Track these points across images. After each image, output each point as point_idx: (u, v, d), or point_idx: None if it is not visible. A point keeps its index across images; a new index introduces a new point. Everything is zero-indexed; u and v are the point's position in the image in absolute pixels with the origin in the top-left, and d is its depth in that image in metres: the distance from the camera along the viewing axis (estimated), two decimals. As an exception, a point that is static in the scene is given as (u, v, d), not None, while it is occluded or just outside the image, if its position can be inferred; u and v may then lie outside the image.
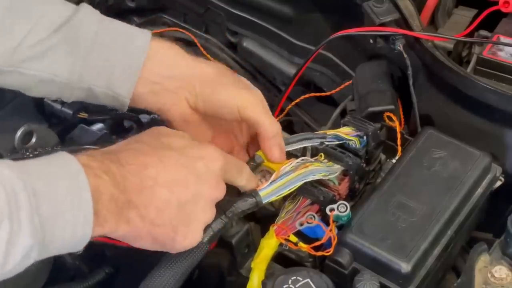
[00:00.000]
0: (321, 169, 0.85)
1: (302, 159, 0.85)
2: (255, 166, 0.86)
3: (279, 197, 0.82)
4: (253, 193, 0.81)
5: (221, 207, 0.78)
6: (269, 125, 0.85)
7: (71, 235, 0.66)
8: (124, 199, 0.70)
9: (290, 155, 0.88)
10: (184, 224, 0.73)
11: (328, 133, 0.89)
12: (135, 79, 0.85)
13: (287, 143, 0.87)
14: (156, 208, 0.71)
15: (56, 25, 0.82)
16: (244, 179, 0.81)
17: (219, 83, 0.86)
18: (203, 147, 0.77)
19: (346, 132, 0.89)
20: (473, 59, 1.01)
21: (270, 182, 0.81)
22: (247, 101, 0.85)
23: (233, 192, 0.82)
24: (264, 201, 0.81)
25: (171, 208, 0.72)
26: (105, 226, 0.69)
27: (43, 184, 0.64)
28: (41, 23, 0.82)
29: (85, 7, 0.86)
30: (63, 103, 1.11)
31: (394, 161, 0.93)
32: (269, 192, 0.81)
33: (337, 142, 0.89)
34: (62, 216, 0.65)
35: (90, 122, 1.17)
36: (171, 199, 0.72)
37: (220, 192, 0.77)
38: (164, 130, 0.81)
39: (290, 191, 0.82)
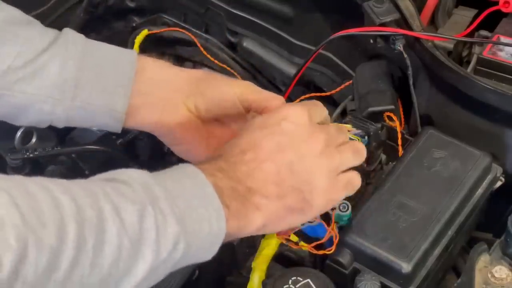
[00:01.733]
0: None
1: None
2: None
3: None
4: None
5: None
6: (274, 96, 0.85)
7: (208, 231, 0.67)
8: (243, 187, 0.71)
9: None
10: (308, 183, 0.74)
11: None
12: (129, 92, 0.85)
13: None
14: (272, 183, 0.73)
15: (43, 46, 0.82)
16: (325, 115, 0.82)
17: (212, 80, 0.87)
18: (281, 109, 0.78)
19: (348, 129, 0.89)
20: (473, 59, 1.01)
21: None
22: (243, 86, 0.86)
23: None
24: None
25: (284, 174, 0.73)
26: (240, 218, 0.70)
27: (171, 183, 0.66)
28: (27, 45, 0.82)
29: (69, 30, 0.86)
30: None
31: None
32: None
33: None
34: (196, 211, 0.66)
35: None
36: (279, 168, 0.73)
37: (321, 135, 0.76)
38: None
39: None
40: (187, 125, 0.87)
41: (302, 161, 0.74)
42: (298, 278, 0.79)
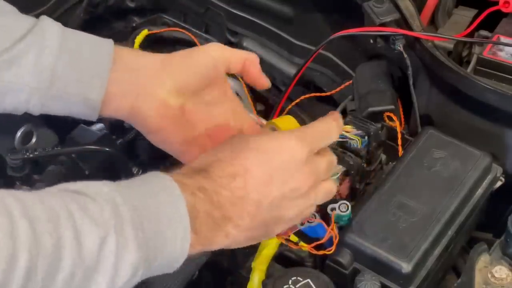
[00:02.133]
0: None
1: None
2: None
3: None
4: None
5: None
6: (249, 53, 0.87)
7: (171, 252, 0.66)
8: (220, 214, 0.70)
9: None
10: (276, 219, 0.75)
11: None
12: (105, 81, 0.84)
13: None
14: (249, 214, 0.72)
15: (20, 34, 0.82)
16: (335, 134, 0.81)
17: (185, 54, 0.87)
18: (284, 139, 0.76)
19: (349, 130, 0.89)
20: (473, 59, 1.01)
21: None
22: (214, 46, 0.86)
23: None
24: None
25: (263, 209, 0.73)
26: (204, 244, 0.69)
27: (141, 201, 0.65)
28: (3, 34, 0.81)
29: (46, 18, 0.85)
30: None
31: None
32: None
33: (340, 140, 0.89)
34: (162, 232, 0.65)
35: (90, 122, 1.17)
36: (261, 201, 0.73)
37: (310, 181, 0.76)
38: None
39: None
40: (162, 113, 0.85)
41: (283, 199, 0.74)
42: (298, 278, 0.79)
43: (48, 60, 0.82)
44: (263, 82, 0.87)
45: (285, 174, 0.74)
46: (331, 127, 0.80)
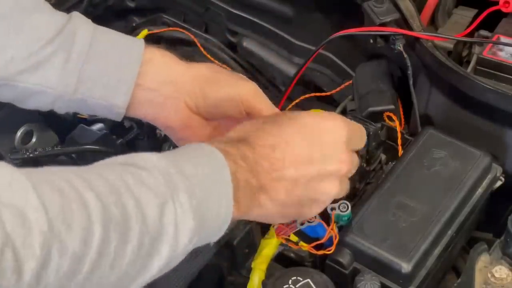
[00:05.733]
0: None
1: None
2: None
3: None
4: None
5: None
6: (274, 109, 0.85)
7: (216, 220, 0.66)
8: (257, 183, 0.70)
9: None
10: (311, 199, 0.74)
11: None
12: (131, 88, 0.84)
13: None
14: (285, 189, 0.72)
15: (49, 36, 0.81)
16: (363, 143, 0.82)
17: (217, 79, 0.86)
18: (327, 119, 0.77)
19: None
20: (473, 59, 1.01)
21: None
22: (248, 90, 0.85)
23: None
24: None
25: (299, 186, 0.73)
26: (244, 212, 0.70)
27: (190, 169, 0.65)
28: (33, 35, 0.81)
29: (78, 16, 0.85)
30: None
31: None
32: None
33: None
34: (210, 198, 0.65)
35: (90, 122, 1.17)
36: (298, 178, 0.72)
37: (347, 165, 0.76)
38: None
39: None
40: (188, 124, 0.86)
41: (321, 181, 0.74)
42: (298, 278, 0.79)
43: (75, 65, 0.82)
44: None
45: (326, 154, 0.74)
46: (364, 132, 0.81)
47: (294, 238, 0.83)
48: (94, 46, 0.83)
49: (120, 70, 0.84)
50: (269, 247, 0.85)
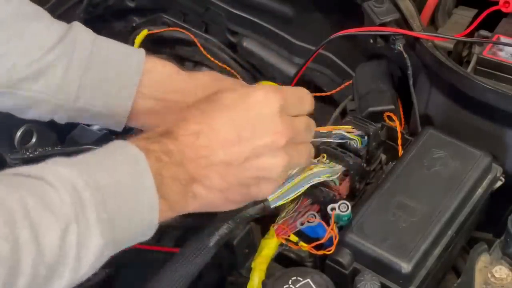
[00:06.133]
0: (325, 171, 0.85)
1: None
2: None
3: (286, 201, 0.82)
4: None
5: (228, 212, 0.78)
6: None
7: (138, 224, 0.65)
8: (186, 175, 0.68)
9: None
10: (255, 178, 0.72)
11: (333, 131, 0.89)
12: (132, 97, 0.84)
13: None
14: (218, 175, 0.70)
15: (50, 44, 0.81)
16: (308, 106, 0.77)
17: (220, 87, 0.86)
18: (254, 92, 0.72)
19: (349, 131, 0.89)
20: (473, 59, 1.01)
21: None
22: None
23: None
24: (272, 206, 0.81)
25: (234, 168, 0.70)
26: (175, 208, 0.68)
27: (106, 176, 0.63)
28: (34, 43, 0.81)
29: (78, 26, 0.85)
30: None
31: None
32: (277, 197, 0.81)
33: (340, 141, 0.89)
34: (127, 206, 0.63)
35: (90, 122, 1.17)
36: (230, 161, 0.70)
37: (286, 134, 0.71)
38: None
39: (297, 194, 0.82)
40: None
41: (258, 158, 0.71)
42: (298, 278, 0.78)
43: (76, 74, 0.81)
44: None
45: (256, 129, 0.70)
46: (304, 94, 0.77)
47: (294, 238, 0.83)
48: (95, 54, 0.83)
49: (122, 79, 0.84)
50: (269, 247, 0.85)
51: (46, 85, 0.81)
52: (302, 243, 0.83)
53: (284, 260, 0.88)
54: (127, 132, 1.17)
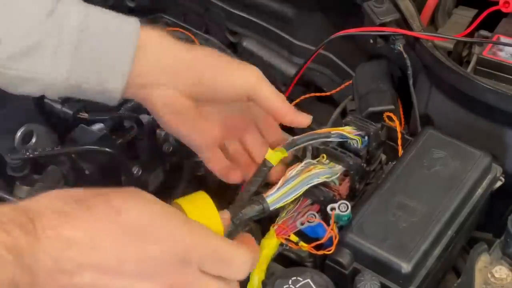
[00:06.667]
0: (325, 172, 0.85)
1: (306, 163, 0.85)
2: (267, 170, 0.85)
3: (286, 202, 0.82)
4: (261, 199, 0.81)
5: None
6: (282, 104, 0.84)
7: None
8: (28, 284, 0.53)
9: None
10: None
11: (332, 132, 0.89)
12: (126, 73, 0.80)
13: (294, 145, 0.87)
14: None
15: (38, 20, 0.76)
16: (234, 272, 0.66)
17: (218, 65, 0.83)
18: (168, 220, 0.60)
19: (349, 131, 0.89)
20: (473, 59, 1.01)
21: (277, 188, 0.81)
22: (250, 75, 0.83)
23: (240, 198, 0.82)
24: (271, 208, 0.81)
25: None
26: None
27: None
28: (22, 19, 0.77)
29: None
30: (63, 103, 1.11)
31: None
32: (276, 198, 0.81)
33: (340, 140, 0.89)
34: None
35: (90, 122, 1.17)
36: None
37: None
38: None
39: (296, 196, 0.82)
40: (183, 112, 0.84)
41: None
42: (298, 278, 0.78)
43: (66, 51, 0.78)
44: (299, 122, 0.86)
45: (144, 267, 0.57)
46: (234, 258, 0.63)
47: (294, 238, 0.83)
48: (86, 29, 0.79)
49: (115, 54, 0.80)
50: (269, 247, 0.84)
51: (35, 63, 0.77)
52: (302, 243, 0.83)
53: (284, 260, 0.88)
54: (127, 132, 1.17)
